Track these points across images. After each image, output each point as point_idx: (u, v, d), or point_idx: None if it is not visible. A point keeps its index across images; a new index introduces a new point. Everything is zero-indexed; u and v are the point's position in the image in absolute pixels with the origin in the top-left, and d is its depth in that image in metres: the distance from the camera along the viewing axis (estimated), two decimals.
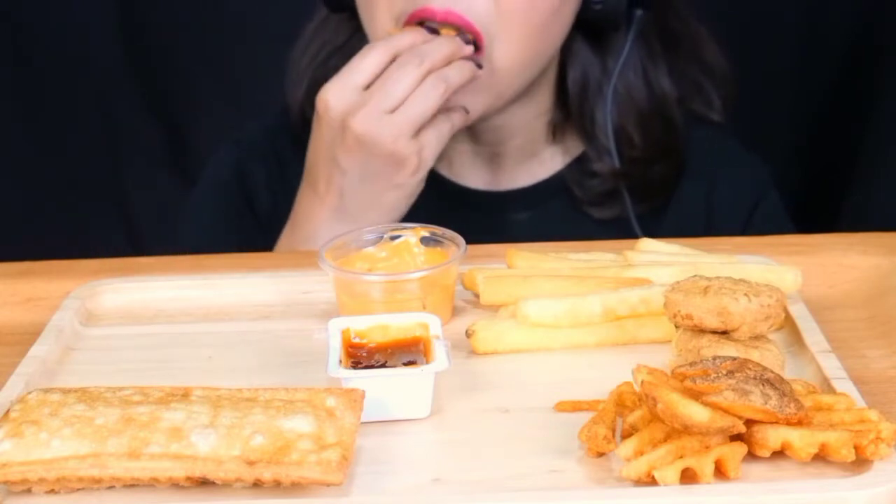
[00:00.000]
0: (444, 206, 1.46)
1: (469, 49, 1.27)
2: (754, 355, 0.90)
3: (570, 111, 1.46)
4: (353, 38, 1.43)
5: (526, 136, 1.48)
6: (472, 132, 1.45)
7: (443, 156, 1.48)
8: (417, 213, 1.37)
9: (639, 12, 1.43)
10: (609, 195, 1.46)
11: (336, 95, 1.23)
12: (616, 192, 1.46)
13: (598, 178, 1.46)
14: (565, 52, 1.44)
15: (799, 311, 1.04)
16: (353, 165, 1.25)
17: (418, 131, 1.24)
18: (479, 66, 1.29)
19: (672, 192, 1.48)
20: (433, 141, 1.26)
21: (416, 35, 1.26)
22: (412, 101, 1.22)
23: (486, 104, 1.34)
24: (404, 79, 1.22)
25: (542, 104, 1.46)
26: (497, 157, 1.49)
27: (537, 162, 1.50)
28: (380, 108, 1.22)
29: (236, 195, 1.53)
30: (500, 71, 1.32)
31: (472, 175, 1.50)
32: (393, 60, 1.24)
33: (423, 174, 1.27)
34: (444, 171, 1.49)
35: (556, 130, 1.48)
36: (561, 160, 1.50)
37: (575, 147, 1.49)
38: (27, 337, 1.04)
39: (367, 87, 1.23)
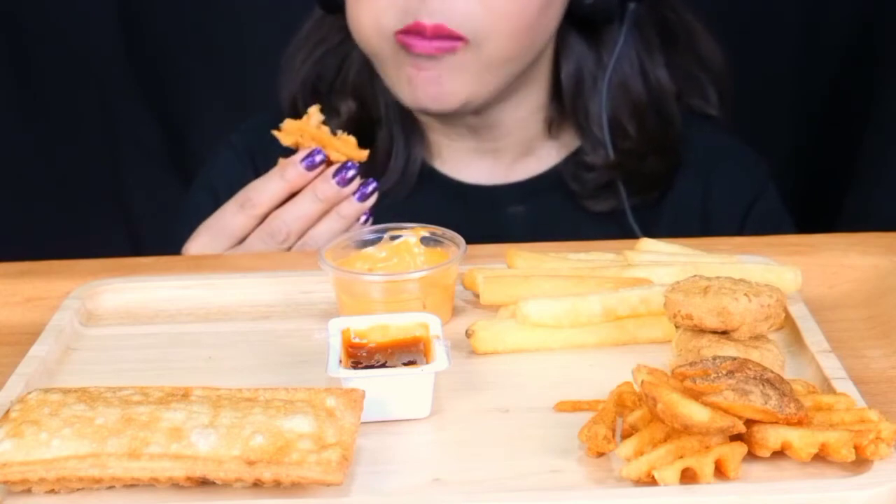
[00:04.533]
0: (441, 201, 1.47)
1: (352, 187, 1.23)
2: (754, 355, 0.90)
3: (565, 106, 1.47)
4: (349, 38, 1.44)
5: (522, 132, 1.48)
6: (470, 129, 1.46)
7: (440, 153, 1.49)
8: (416, 208, 1.37)
9: (632, 5, 1.43)
10: (604, 188, 1.47)
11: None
12: (611, 185, 1.46)
13: (593, 171, 1.47)
14: (559, 47, 1.44)
15: (799, 311, 1.04)
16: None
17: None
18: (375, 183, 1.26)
19: (668, 185, 1.49)
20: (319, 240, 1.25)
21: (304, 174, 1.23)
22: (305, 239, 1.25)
23: (471, 89, 1.35)
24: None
25: (537, 100, 1.47)
26: (494, 153, 1.50)
27: (534, 157, 1.50)
28: (274, 240, 1.24)
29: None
30: (489, 64, 1.34)
31: (469, 170, 1.50)
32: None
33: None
34: (442, 167, 1.50)
35: (553, 126, 1.49)
36: (557, 155, 1.51)
37: (571, 142, 1.50)
38: (27, 337, 1.04)
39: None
